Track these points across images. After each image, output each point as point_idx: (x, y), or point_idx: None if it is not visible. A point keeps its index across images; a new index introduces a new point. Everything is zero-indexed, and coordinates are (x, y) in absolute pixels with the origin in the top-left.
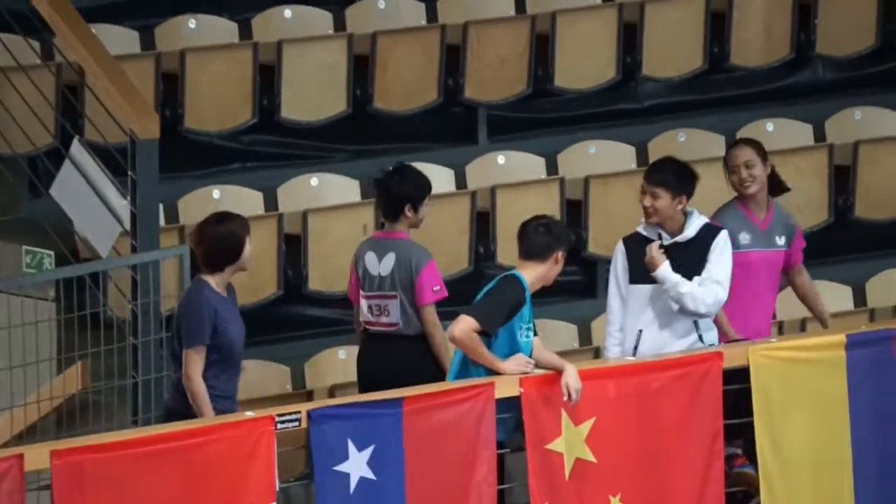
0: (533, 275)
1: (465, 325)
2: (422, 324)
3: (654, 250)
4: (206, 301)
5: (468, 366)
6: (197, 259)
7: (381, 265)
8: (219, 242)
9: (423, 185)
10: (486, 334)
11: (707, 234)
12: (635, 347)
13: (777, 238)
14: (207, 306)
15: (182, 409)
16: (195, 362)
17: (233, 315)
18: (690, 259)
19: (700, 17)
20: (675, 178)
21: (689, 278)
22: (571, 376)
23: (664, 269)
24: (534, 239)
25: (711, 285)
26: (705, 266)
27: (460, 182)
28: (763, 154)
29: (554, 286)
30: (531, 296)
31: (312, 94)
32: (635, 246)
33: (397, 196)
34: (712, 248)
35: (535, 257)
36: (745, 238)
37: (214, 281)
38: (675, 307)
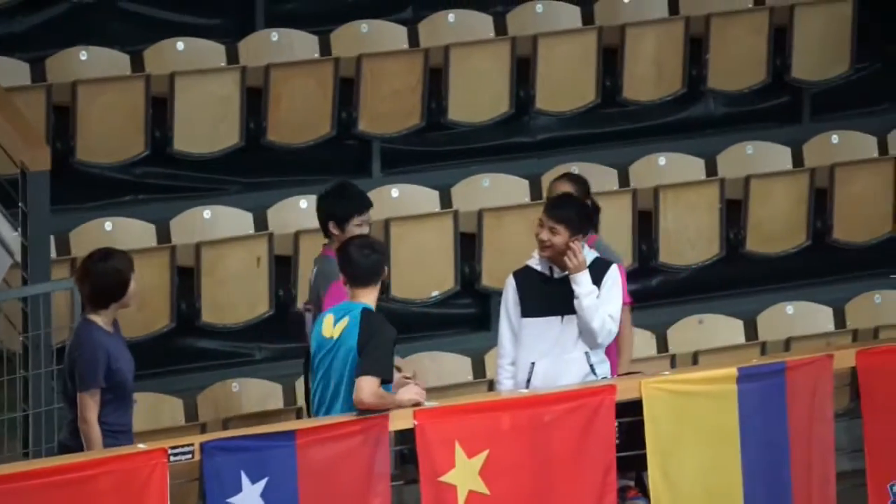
0: (374, 299)
1: (370, 386)
2: None
3: (578, 252)
4: (97, 343)
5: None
6: (82, 297)
7: (312, 277)
8: (104, 279)
9: (351, 204)
10: (388, 383)
11: (598, 269)
12: (528, 380)
13: None
14: (100, 349)
15: (78, 447)
16: (90, 407)
17: (122, 351)
18: None
19: (592, 51)
20: (577, 217)
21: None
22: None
23: (586, 276)
24: (364, 263)
25: (605, 316)
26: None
27: None
28: (584, 191)
29: (447, 319)
30: None
31: (205, 126)
32: (526, 280)
33: (323, 214)
34: (604, 283)
35: (371, 281)
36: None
37: (101, 319)
38: (576, 330)
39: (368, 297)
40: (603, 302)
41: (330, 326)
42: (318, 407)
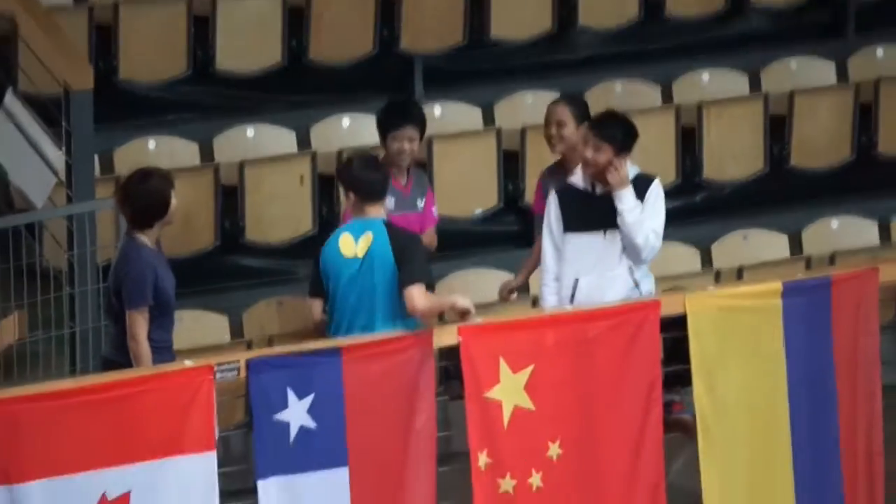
0: (383, 214)
1: (421, 293)
2: None
3: (621, 168)
4: (145, 261)
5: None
6: (125, 218)
7: None
8: (145, 199)
9: (386, 121)
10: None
11: (640, 184)
12: (572, 296)
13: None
14: (148, 267)
15: (122, 362)
16: (141, 324)
17: (166, 269)
18: None
19: None
20: (622, 135)
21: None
22: (460, 300)
23: (629, 192)
24: (373, 178)
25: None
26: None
27: None
28: (583, 113)
29: (490, 236)
30: None
31: (247, 44)
32: (568, 196)
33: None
34: (646, 198)
35: (381, 196)
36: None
37: (146, 237)
38: (619, 245)
39: (379, 212)
40: (646, 217)
41: (351, 245)
42: (348, 325)
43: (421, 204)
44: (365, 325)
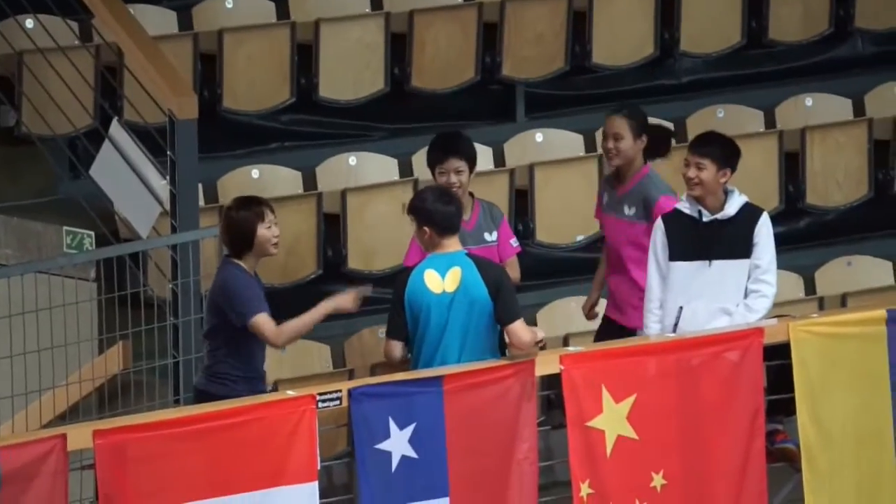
0: (459, 246)
1: (524, 328)
2: None
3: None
4: (246, 279)
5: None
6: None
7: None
8: (232, 230)
9: (431, 154)
10: None
11: (748, 214)
12: (675, 324)
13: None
14: (251, 280)
15: (213, 392)
16: (265, 323)
17: (264, 295)
18: (730, 238)
19: None
20: (721, 150)
21: (729, 257)
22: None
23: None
24: (449, 210)
25: (761, 286)
26: (752, 250)
27: (498, 160)
28: (640, 123)
29: (592, 263)
30: None
31: (350, 72)
32: (675, 222)
33: None
34: (758, 232)
35: (457, 228)
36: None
37: (245, 262)
38: (727, 276)
39: (457, 245)
40: (760, 254)
41: (438, 281)
42: (440, 363)
43: (490, 237)
44: (456, 363)
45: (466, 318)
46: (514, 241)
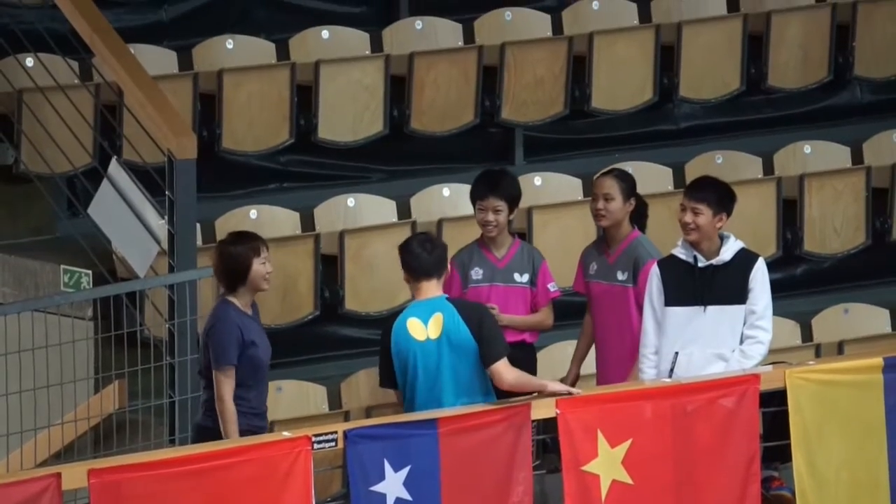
0: (440, 290)
1: (507, 368)
2: None
3: None
4: (231, 321)
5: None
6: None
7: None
8: (227, 263)
9: (472, 191)
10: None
11: (743, 260)
12: (671, 370)
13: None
14: (234, 327)
15: (214, 427)
16: (224, 384)
17: (258, 332)
18: (726, 283)
19: (737, 38)
20: (717, 195)
21: (724, 303)
22: (557, 387)
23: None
24: (430, 257)
25: (757, 332)
26: (748, 296)
27: None
28: (629, 187)
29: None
30: None
31: (349, 114)
32: (670, 269)
33: None
34: (753, 277)
35: (440, 273)
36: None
37: (237, 300)
38: (723, 322)
39: (437, 290)
40: (756, 300)
41: (421, 328)
42: (426, 400)
43: (520, 278)
44: (441, 404)
45: (456, 363)
46: (552, 286)
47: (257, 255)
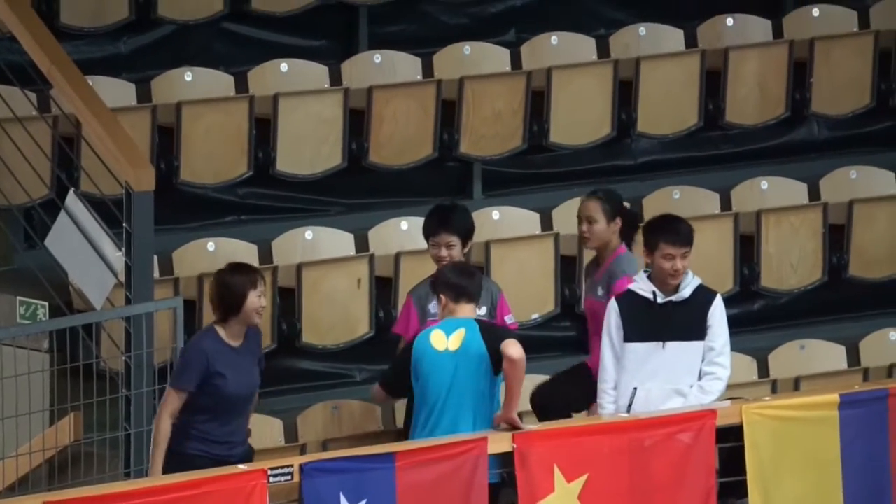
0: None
1: (517, 346)
2: None
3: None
4: (200, 347)
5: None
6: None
7: None
8: (221, 292)
9: (425, 226)
10: None
11: (701, 296)
12: (629, 405)
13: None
14: (200, 353)
15: (172, 447)
16: (168, 401)
17: (233, 365)
18: (684, 320)
19: (695, 74)
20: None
21: (683, 339)
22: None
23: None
24: (472, 282)
25: (715, 368)
26: (706, 332)
27: None
28: (614, 207)
29: (547, 341)
30: None
31: (308, 147)
32: (630, 304)
33: None
34: (711, 314)
35: (465, 298)
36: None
37: (223, 330)
38: (681, 358)
39: (471, 312)
40: (715, 337)
41: (442, 339)
42: (434, 423)
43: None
44: (450, 423)
45: (464, 376)
46: (509, 318)
47: (254, 287)
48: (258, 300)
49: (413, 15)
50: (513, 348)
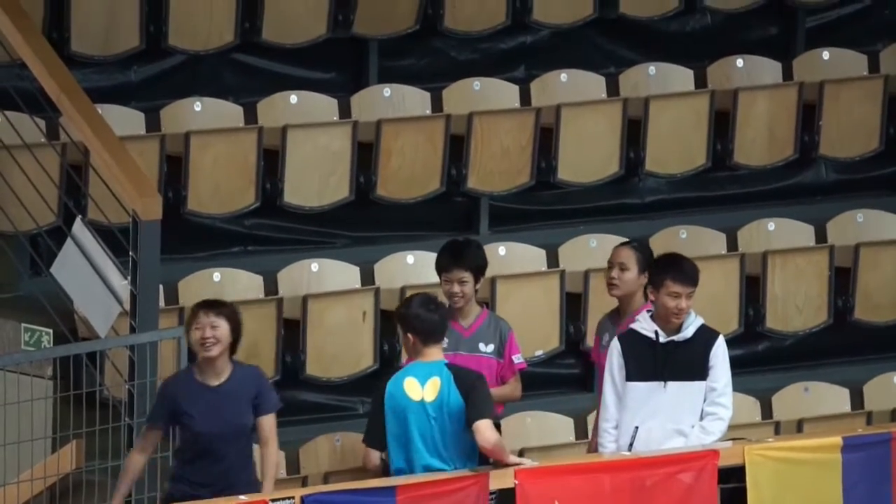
0: (441, 354)
1: (491, 428)
2: None
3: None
4: (170, 385)
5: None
6: None
7: None
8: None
9: (437, 262)
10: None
11: (703, 336)
12: (631, 444)
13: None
14: (168, 391)
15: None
16: (142, 436)
17: (207, 404)
18: (686, 359)
19: (704, 114)
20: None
21: (685, 379)
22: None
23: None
24: (434, 318)
25: (717, 408)
26: (708, 373)
27: None
28: (645, 258)
29: (551, 378)
30: None
31: (315, 179)
32: (632, 344)
33: None
34: (713, 354)
35: (441, 337)
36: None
37: (197, 368)
38: (683, 399)
39: (439, 354)
40: (718, 377)
41: (417, 388)
42: (412, 469)
43: (485, 348)
44: (428, 468)
45: (442, 426)
46: (517, 358)
47: (191, 320)
48: (197, 333)
49: (423, 49)
50: (486, 434)
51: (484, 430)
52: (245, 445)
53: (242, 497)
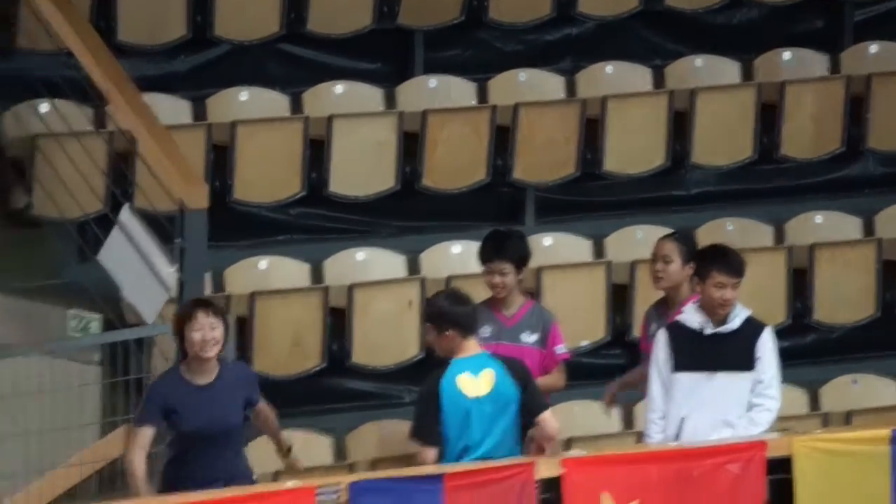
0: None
1: (554, 417)
2: None
3: None
4: (159, 385)
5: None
6: None
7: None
8: (173, 330)
9: (480, 252)
10: None
11: (750, 328)
12: (677, 435)
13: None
14: (157, 390)
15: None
16: (132, 440)
17: (196, 403)
18: (733, 351)
19: (751, 107)
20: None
21: (732, 370)
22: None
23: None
24: (468, 310)
25: (765, 400)
26: (756, 364)
27: None
28: (689, 251)
29: (597, 369)
30: None
31: (361, 169)
32: (678, 335)
33: None
34: (761, 346)
35: (475, 329)
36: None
37: (185, 366)
38: (730, 390)
39: (478, 346)
40: (765, 369)
41: (472, 384)
42: (473, 454)
43: (527, 338)
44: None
45: (501, 417)
46: (559, 349)
47: (189, 321)
48: (198, 334)
49: (469, 40)
50: (553, 423)
51: (551, 419)
52: (235, 442)
53: (290, 483)
